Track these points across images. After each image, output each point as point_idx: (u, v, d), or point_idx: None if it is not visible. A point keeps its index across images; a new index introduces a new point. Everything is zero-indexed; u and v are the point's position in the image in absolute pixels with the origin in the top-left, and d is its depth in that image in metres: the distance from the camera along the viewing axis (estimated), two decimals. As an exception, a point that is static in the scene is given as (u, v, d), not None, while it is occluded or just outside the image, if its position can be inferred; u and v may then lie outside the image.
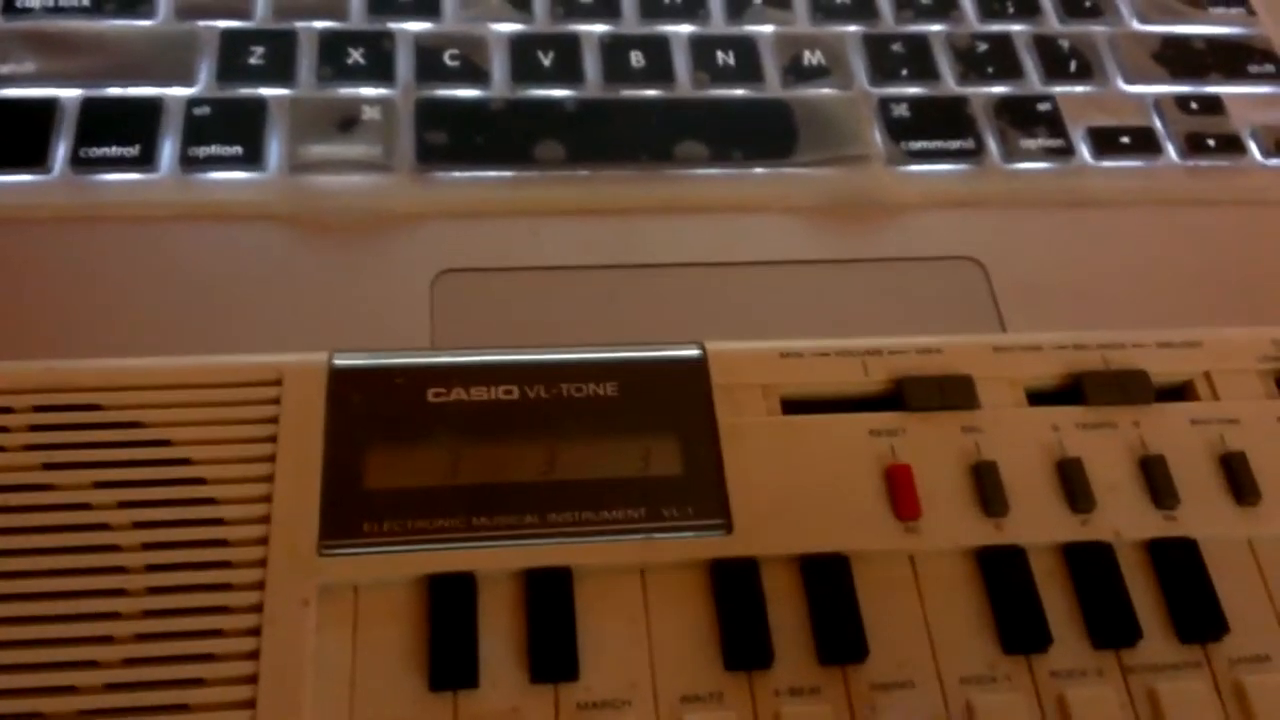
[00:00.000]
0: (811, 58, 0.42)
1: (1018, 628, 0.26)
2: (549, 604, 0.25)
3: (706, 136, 0.40)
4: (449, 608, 0.25)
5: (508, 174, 0.39)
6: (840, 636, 0.25)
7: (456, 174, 0.38)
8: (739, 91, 0.41)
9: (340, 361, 0.28)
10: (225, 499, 0.26)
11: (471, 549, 0.26)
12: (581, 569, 0.26)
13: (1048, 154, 0.41)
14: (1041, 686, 0.25)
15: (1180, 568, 0.27)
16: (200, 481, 0.26)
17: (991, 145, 0.41)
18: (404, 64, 0.40)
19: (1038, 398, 0.29)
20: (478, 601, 0.25)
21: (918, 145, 0.41)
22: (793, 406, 0.29)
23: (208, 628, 0.24)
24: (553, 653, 0.25)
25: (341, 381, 0.28)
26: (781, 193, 0.39)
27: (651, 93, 0.41)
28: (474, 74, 0.40)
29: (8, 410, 0.26)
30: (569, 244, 0.38)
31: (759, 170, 0.40)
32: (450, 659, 0.24)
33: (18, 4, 0.40)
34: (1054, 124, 0.42)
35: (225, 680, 0.24)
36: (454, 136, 0.39)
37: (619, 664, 0.25)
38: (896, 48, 0.43)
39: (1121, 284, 0.38)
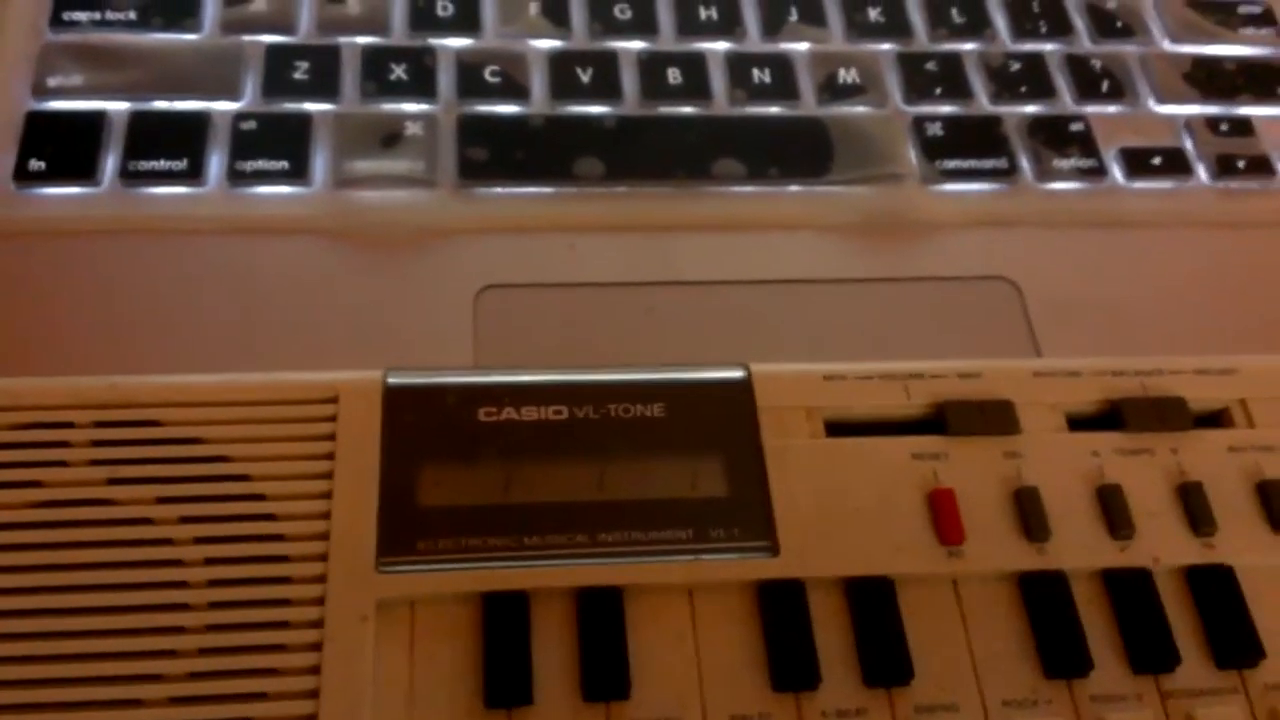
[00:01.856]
0: (847, 76, 0.43)
1: (1059, 652, 0.26)
2: (601, 623, 0.26)
3: (743, 154, 0.40)
4: (503, 626, 0.25)
5: (547, 190, 0.39)
6: (885, 659, 0.26)
7: (498, 190, 0.39)
8: (775, 109, 0.42)
9: (394, 380, 0.29)
10: (285, 515, 0.26)
11: (525, 568, 0.26)
12: (631, 589, 0.26)
13: (1080, 174, 0.41)
14: (1082, 711, 0.26)
15: (1218, 594, 0.27)
16: (260, 498, 0.26)
17: (1024, 165, 0.41)
18: (445, 80, 0.41)
19: (1077, 423, 0.30)
20: (531, 620, 0.26)
21: (951, 164, 0.41)
22: (836, 429, 0.29)
23: (270, 642, 0.25)
24: (605, 672, 0.25)
25: (396, 400, 0.28)
26: (817, 211, 0.40)
27: (689, 110, 0.41)
28: (514, 90, 0.41)
29: (70, 425, 0.27)
30: (607, 260, 0.38)
31: (795, 188, 0.40)
32: (505, 677, 0.25)
33: (65, 18, 0.40)
34: (1086, 144, 0.42)
35: (288, 695, 0.24)
36: (495, 152, 0.39)
37: (669, 683, 0.26)
38: (930, 66, 0.43)
39: (1153, 305, 0.39)
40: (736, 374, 0.30)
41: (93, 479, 0.26)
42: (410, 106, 0.40)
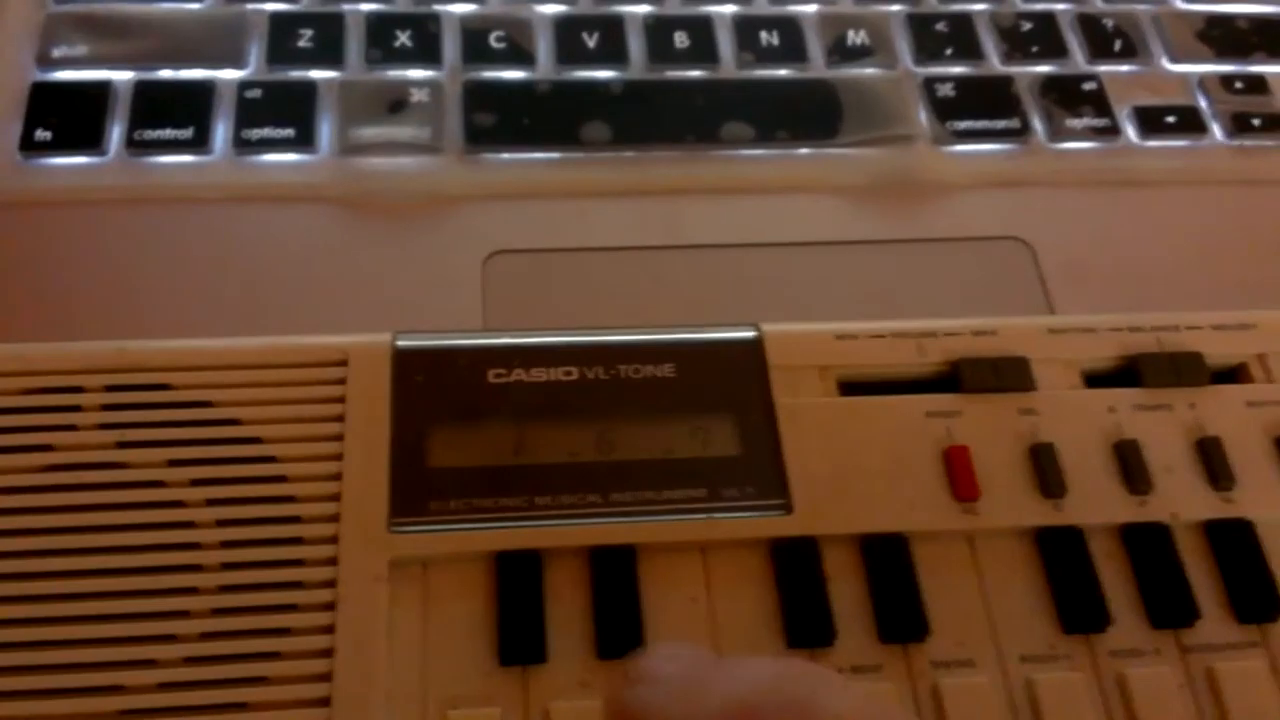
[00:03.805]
0: (855, 37, 0.42)
1: (1077, 608, 0.26)
2: (614, 581, 0.26)
3: (752, 117, 0.40)
4: (517, 584, 0.25)
5: (555, 155, 0.39)
6: (901, 615, 0.26)
7: (504, 155, 0.39)
8: (783, 72, 0.41)
9: (403, 342, 0.28)
10: (296, 477, 0.26)
11: (537, 527, 0.26)
12: (644, 548, 0.26)
13: (1093, 133, 0.41)
14: (1101, 666, 0.26)
15: (1237, 548, 0.27)
16: (271, 460, 0.26)
17: (1037, 125, 0.41)
18: (450, 46, 0.40)
19: (1093, 379, 0.29)
20: (544, 579, 0.26)
21: (963, 125, 0.41)
22: (849, 388, 0.29)
23: (283, 602, 0.25)
24: (619, 629, 0.25)
25: (405, 362, 0.28)
26: (827, 173, 0.40)
27: (696, 73, 0.41)
28: (519, 56, 0.40)
29: (80, 390, 0.27)
30: (616, 225, 0.38)
31: (804, 151, 0.40)
32: (519, 634, 0.25)
33: (69, -14, 0.40)
34: (1099, 103, 0.42)
35: (302, 654, 0.24)
36: (501, 118, 0.39)
37: (682, 640, 0.25)
38: (940, 27, 0.43)
39: (1168, 263, 0.38)
40: (747, 334, 0.30)
41: (103, 442, 0.26)
42: (415, 73, 0.40)
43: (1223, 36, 0.44)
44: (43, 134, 0.37)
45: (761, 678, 0.20)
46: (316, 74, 0.39)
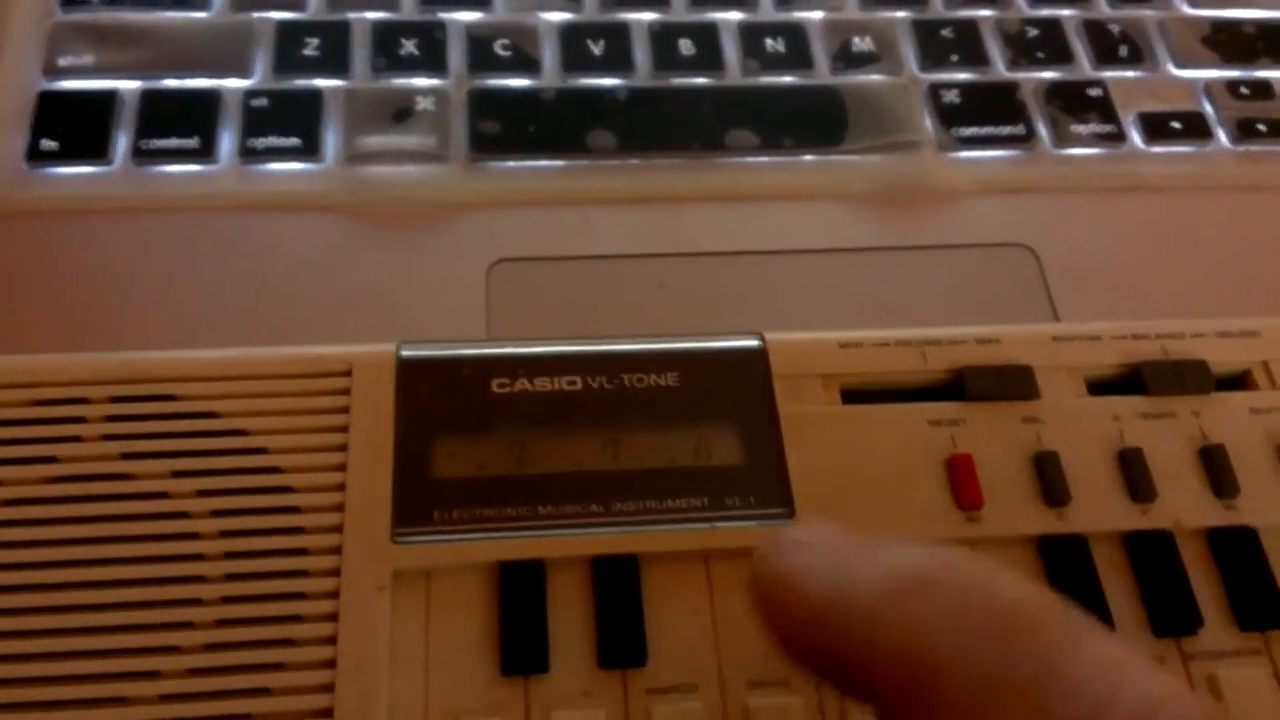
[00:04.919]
0: (861, 44, 0.42)
1: (1080, 616, 0.26)
2: (617, 591, 0.26)
3: (757, 124, 0.40)
4: (519, 594, 0.25)
5: (560, 163, 0.39)
6: (904, 624, 0.26)
7: (510, 163, 0.39)
8: (789, 79, 0.42)
9: (407, 352, 0.28)
10: (300, 487, 0.26)
11: (540, 537, 0.26)
12: (647, 557, 0.26)
13: (1099, 140, 0.41)
14: (1104, 674, 0.26)
15: (1240, 556, 0.27)
16: (276, 470, 0.26)
17: (1042, 131, 0.41)
18: (456, 54, 0.41)
19: (1097, 387, 0.29)
20: (546, 588, 0.26)
21: (968, 131, 0.41)
22: (852, 396, 0.29)
23: (287, 613, 0.25)
24: (621, 639, 0.25)
25: (409, 372, 0.28)
26: (832, 180, 0.40)
27: (701, 81, 0.41)
28: (525, 63, 0.41)
29: (85, 401, 0.27)
30: (621, 233, 0.38)
31: (809, 158, 0.40)
32: (521, 645, 0.25)
33: (76, -3, 0.40)
34: (1105, 109, 0.42)
35: (305, 664, 0.24)
36: (506, 126, 0.39)
37: (685, 650, 0.25)
38: (946, 33, 0.43)
39: (1174, 270, 0.38)
40: (751, 343, 0.30)
41: (108, 454, 0.26)
42: (421, 81, 0.40)
43: (1228, 42, 0.44)
44: (49, 144, 0.37)
45: (934, 554, 0.19)
46: (322, 83, 0.39)
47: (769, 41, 0.42)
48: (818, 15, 0.43)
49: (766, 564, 0.21)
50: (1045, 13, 0.44)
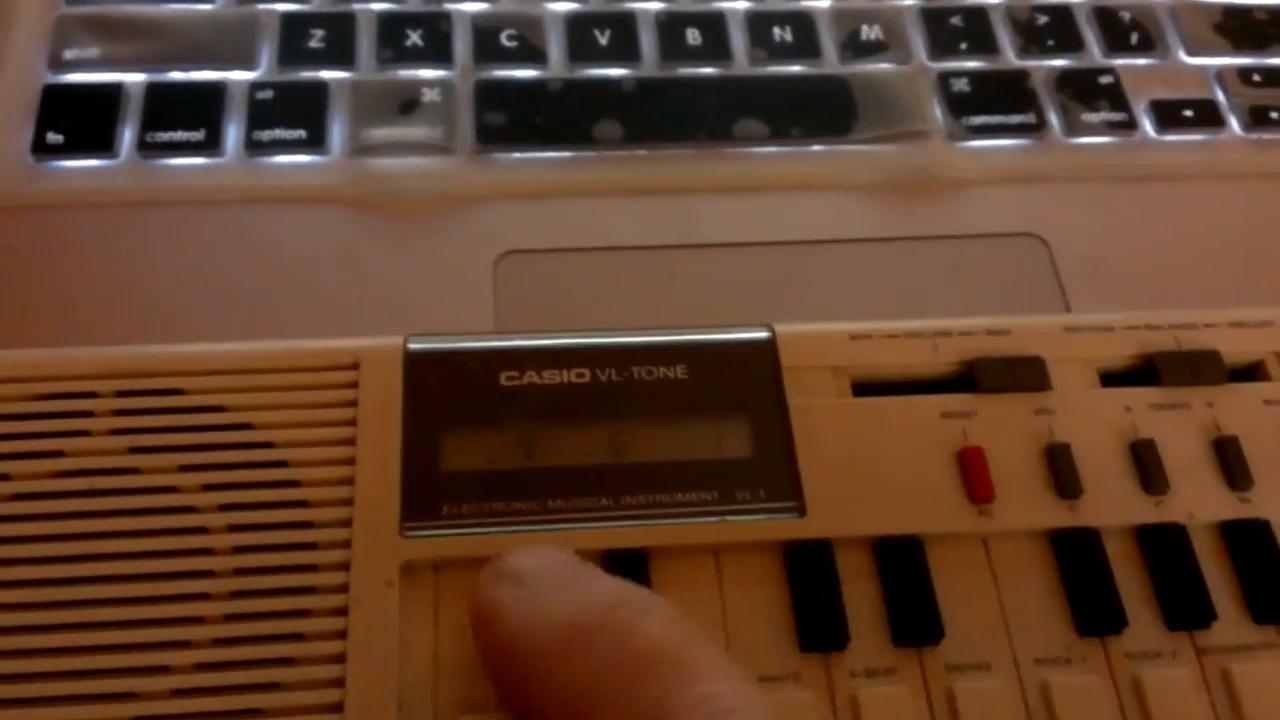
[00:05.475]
0: (869, 32, 0.42)
1: (1092, 610, 0.26)
2: (626, 585, 0.25)
3: (765, 114, 0.40)
4: (529, 589, 0.25)
5: (567, 154, 0.39)
6: (915, 618, 0.25)
7: (516, 155, 0.38)
8: (797, 68, 0.41)
9: (415, 345, 0.28)
10: (308, 481, 0.26)
11: (549, 530, 0.26)
12: (657, 551, 0.26)
13: (1110, 128, 0.40)
14: (1117, 668, 0.25)
15: (1254, 549, 0.27)
16: (283, 464, 0.26)
17: (1053, 119, 0.41)
18: (462, 45, 0.40)
19: (1110, 378, 0.29)
20: (556, 583, 0.26)
21: (978, 120, 0.40)
22: (863, 389, 0.29)
23: (295, 608, 0.25)
24: (631, 633, 0.25)
25: (417, 365, 0.28)
26: (841, 170, 0.39)
27: (709, 70, 0.41)
28: (531, 54, 0.40)
29: (92, 395, 0.27)
30: (629, 224, 0.38)
31: (818, 148, 0.40)
32: (531, 639, 0.25)
33: (81, -11, 0.40)
34: (1116, 97, 0.41)
35: (314, 659, 0.24)
36: (513, 117, 0.39)
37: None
38: (955, 21, 0.43)
39: (1186, 259, 0.38)
40: (761, 334, 0.29)
41: (115, 448, 0.26)
42: (427, 72, 0.40)
43: (1240, 28, 0.43)
44: (54, 137, 0.37)
45: (595, 600, 0.20)
46: (328, 74, 0.39)
47: (777, 30, 0.42)
48: (826, 4, 0.43)
49: (476, 592, 0.22)
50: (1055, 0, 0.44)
